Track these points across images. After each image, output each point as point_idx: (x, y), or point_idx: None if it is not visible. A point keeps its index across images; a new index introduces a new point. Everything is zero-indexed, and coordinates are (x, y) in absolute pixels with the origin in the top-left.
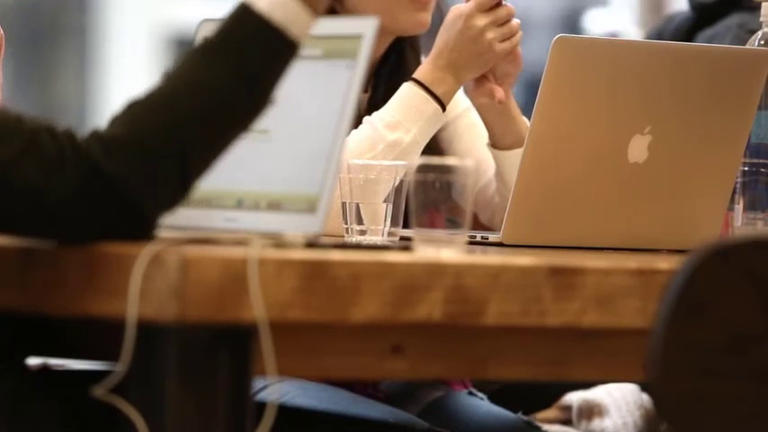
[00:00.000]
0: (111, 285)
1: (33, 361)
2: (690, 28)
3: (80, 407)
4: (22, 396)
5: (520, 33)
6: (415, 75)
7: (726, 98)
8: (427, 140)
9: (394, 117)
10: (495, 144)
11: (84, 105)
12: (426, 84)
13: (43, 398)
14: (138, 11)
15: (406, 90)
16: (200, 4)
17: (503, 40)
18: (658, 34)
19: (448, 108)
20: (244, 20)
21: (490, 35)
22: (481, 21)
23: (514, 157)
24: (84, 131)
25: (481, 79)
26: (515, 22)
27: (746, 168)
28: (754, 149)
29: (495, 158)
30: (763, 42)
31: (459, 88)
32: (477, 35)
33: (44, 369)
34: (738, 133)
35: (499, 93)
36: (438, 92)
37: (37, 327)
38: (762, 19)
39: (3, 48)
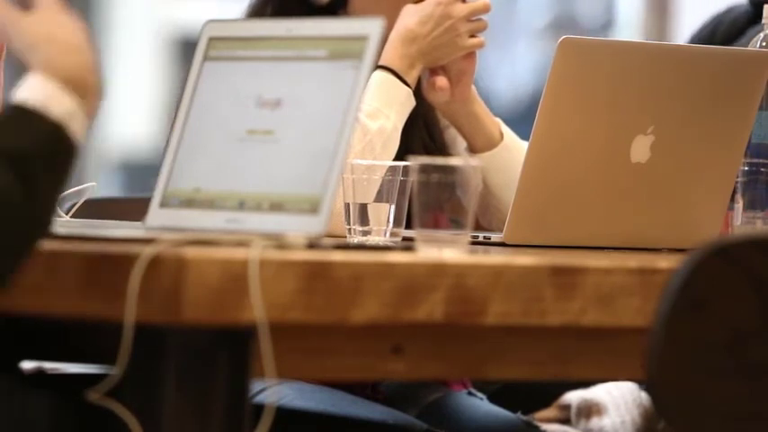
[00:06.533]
0: (108, 287)
1: (28, 364)
2: (746, 22)
3: (76, 411)
4: (16, 400)
5: (485, 30)
6: (386, 62)
7: (727, 99)
8: (403, 124)
9: (372, 105)
10: (469, 147)
11: None
12: (398, 71)
13: (38, 402)
14: (142, 11)
15: (379, 78)
16: (204, 4)
17: (471, 36)
18: (716, 24)
19: None
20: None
21: (462, 27)
22: (460, 11)
23: (486, 160)
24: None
25: (432, 72)
26: (485, 18)
27: (747, 168)
28: (754, 149)
29: None
30: (764, 44)
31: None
32: (452, 25)
33: (39, 372)
34: (739, 133)
35: (442, 81)
36: (409, 79)
37: (32, 329)
38: (764, 21)
39: (5, 49)
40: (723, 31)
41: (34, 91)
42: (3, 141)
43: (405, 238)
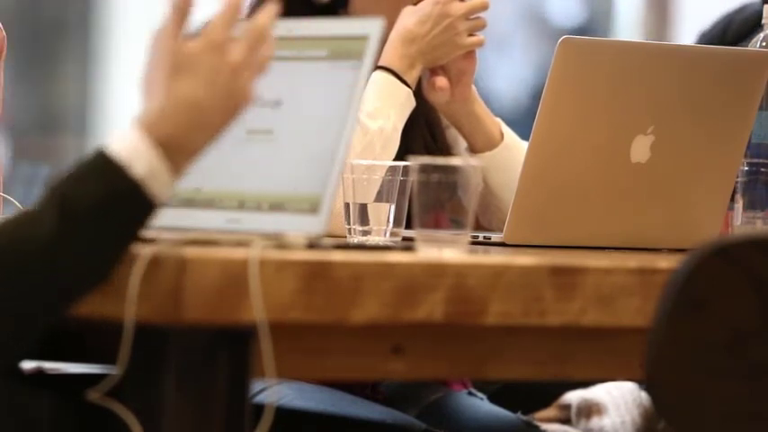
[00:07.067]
0: (108, 286)
1: (28, 364)
2: (758, 21)
3: (76, 411)
4: (16, 400)
5: (483, 29)
6: (385, 62)
7: (727, 99)
8: (403, 125)
9: (372, 105)
10: (469, 147)
11: (86, 106)
12: (398, 72)
13: (38, 402)
14: (142, 10)
15: (379, 79)
16: (204, 3)
17: (470, 34)
18: (728, 22)
19: None
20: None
21: (461, 26)
22: (457, 9)
23: (486, 159)
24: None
25: (432, 72)
26: (483, 17)
27: (747, 168)
28: (754, 149)
29: None
30: (764, 44)
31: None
32: (450, 24)
33: (39, 372)
34: (739, 133)
35: (442, 81)
36: (409, 79)
37: None
38: (764, 21)
39: (5, 49)
40: (734, 30)
41: (124, 143)
42: (69, 188)
43: (405, 238)
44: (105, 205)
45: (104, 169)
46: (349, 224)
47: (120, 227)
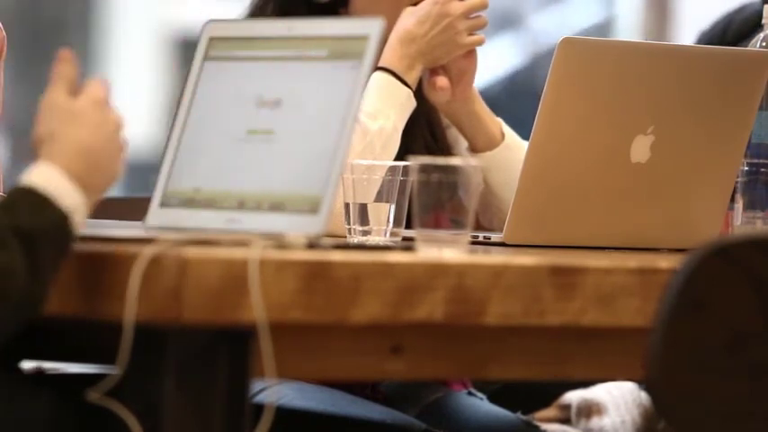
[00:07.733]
0: (108, 287)
1: (28, 364)
2: (758, 21)
3: (76, 411)
4: (16, 400)
5: (484, 28)
6: (385, 63)
7: (727, 99)
8: (404, 125)
9: (373, 106)
10: (470, 147)
11: None
12: (398, 73)
13: (38, 402)
14: (142, 10)
15: (379, 79)
16: (205, 3)
17: (470, 33)
18: (728, 22)
19: None
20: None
21: (461, 25)
22: (456, 8)
23: (487, 159)
24: None
25: (433, 72)
26: (484, 16)
27: (747, 168)
28: (754, 149)
29: None
30: (764, 44)
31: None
32: (450, 23)
33: (38, 372)
34: (739, 133)
35: (443, 81)
36: (409, 80)
37: (31, 329)
38: (764, 21)
39: (5, 50)
40: (734, 30)
41: (47, 180)
42: (17, 220)
43: (405, 238)
44: (51, 234)
45: (37, 202)
46: (349, 224)
47: (56, 257)
